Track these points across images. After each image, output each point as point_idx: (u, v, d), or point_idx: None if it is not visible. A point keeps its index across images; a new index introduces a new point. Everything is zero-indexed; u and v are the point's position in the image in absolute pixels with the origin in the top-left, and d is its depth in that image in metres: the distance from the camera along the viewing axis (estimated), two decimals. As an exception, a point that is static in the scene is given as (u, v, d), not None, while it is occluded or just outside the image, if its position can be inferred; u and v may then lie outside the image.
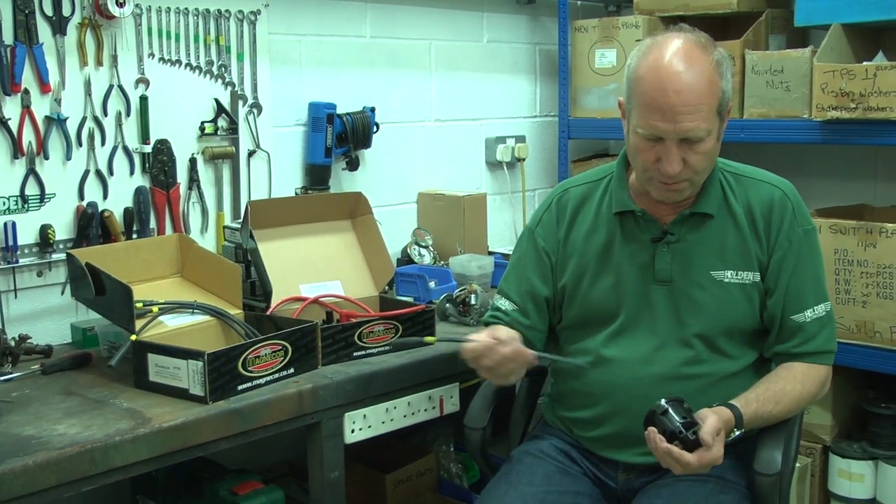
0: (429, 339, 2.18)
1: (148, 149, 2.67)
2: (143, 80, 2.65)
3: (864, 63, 2.75)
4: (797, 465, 2.95)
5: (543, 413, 2.32)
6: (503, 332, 1.98)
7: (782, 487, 2.08)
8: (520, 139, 3.71)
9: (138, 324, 2.19)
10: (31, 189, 2.47)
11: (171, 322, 2.28)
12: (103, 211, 2.58)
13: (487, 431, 2.28)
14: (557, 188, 2.26)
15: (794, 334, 2.04)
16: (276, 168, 2.98)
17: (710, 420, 1.82)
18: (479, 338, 1.95)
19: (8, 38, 2.39)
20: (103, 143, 2.59)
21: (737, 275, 2.04)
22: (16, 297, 2.48)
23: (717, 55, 1.94)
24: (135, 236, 2.64)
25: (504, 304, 2.21)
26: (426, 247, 3.24)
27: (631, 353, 2.07)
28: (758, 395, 1.97)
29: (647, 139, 1.93)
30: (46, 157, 2.48)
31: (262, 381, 2.17)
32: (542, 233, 2.20)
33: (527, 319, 2.18)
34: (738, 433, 1.90)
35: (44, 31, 2.45)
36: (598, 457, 2.13)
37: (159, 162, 2.69)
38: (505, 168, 3.67)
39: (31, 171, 2.46)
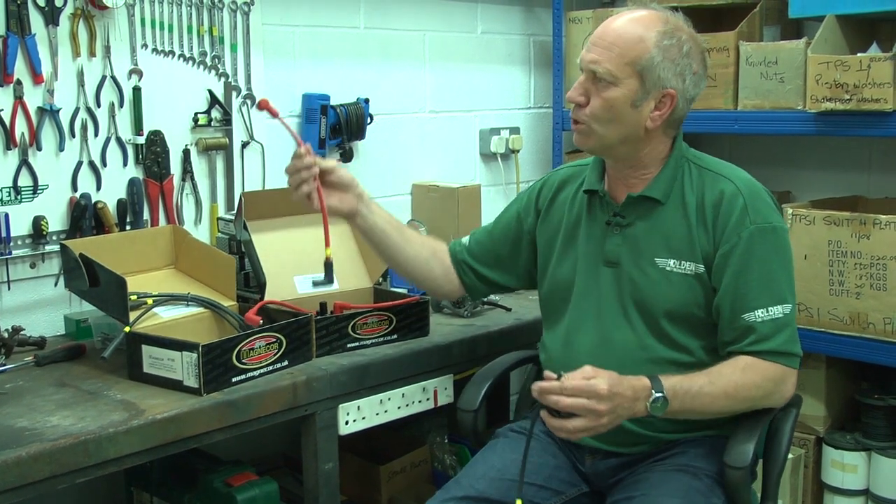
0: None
1: (141, 140, 2.66)
2: (136, 71, 2.64)
3: (859, 54, 2.75)
4: (790, 455, 2.97)
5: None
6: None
7: (770, 481, 2.09)
8: (514, 130, 3.70)
9: (132, 315, 2.19)
10: (24, 180, 2.47)
11: (165, 314, 2.28)
12: (97, 202, 2.57)
13: (480, 414, 2.28)
14: (553, 170, 2.36)
15: (746, 335, 1.98)
16: (270, 159, 2.97)
17: (581, 368, 1.86)
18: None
19: (0, 28, 2.38)
20: (96, 135, 2.58)
21: (680, 264, 2.03)
22: (9, 288, 2.47)
23: (672, 32, 1.98)
24: (128, 228, 2.64)
25: (465, 238, 2.38)
26: (420, 238, 3.23)
27: (584, 338, 2.11)
28: (688, 371, 1.97)
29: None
30: (39, 149, 2.48)
31: (256, 372, 2.17)
32: (525, 199, 2.32)
33: (469, 259, 2.33)
34: (658, 396, 1.87)
35: (36, 21, 2.44)
36: (567, 441, 2.16)
37: (153, 153, 2.69)
38: (499, 159, 3.67)
39: (24, 163, 2.46)
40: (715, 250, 2.02)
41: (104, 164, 2.60)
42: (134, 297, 2.23)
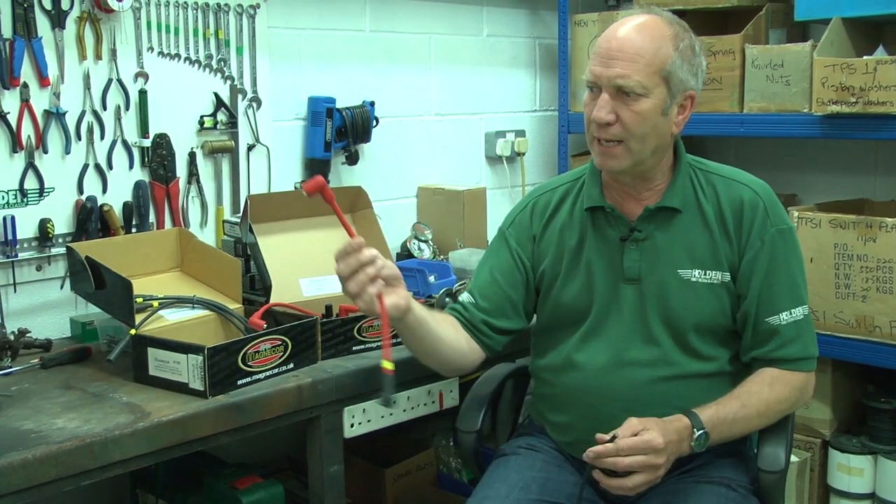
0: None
1: (147, 143, 2.66)
2: (142, 74, 2.64)
3: (865, 57, 2.75)
4: (796, 459, 2.98)
5: (530, 412, 2.30)
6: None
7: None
8: (519, 133, 3.70)
9: (138, 318, 2.19)
10: (31, 183, 2.47)
11: (171, 316, 2.28)
12: (102, 205, 2.58)
13: (483, 433, 2.25)
14: (535, 190, 2.23)
15: (770, 338, 1.99)
16: (276, 162, 2.97)
17: (625, 423, 1.84)
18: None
19: (7, 31, 2.39)
20: (102, 137, 2.59)
21: (705, 274, 2.00)
22: (15, 291, 2.48)
23: (681, 33, 1.96)
24: (134, 230, 2.64)
25: (465, 297, 2.16)
26: (426, 241, 3.24)
27: (600, 357, 2.04)
28: (719, 398, 1.95)
29: (590, 92, 1.95)
30: (45, 151, 2.48)
31: (261, 375, 2.17)
32: (514, 233, 2.18)
33: (485, 317, 2.12)
34: (700, 433, 1.87)
35: (42, 24, 2.45)
36: (577, 458, 2.08)
37: (158, 156, 2.69)
38: (504, 162, 3.67)
39: (31, 165, 2.46)
40: (740, 257, 2.00)
41: (110, 166, 2.61)
42: (140, 300, 2.23)
